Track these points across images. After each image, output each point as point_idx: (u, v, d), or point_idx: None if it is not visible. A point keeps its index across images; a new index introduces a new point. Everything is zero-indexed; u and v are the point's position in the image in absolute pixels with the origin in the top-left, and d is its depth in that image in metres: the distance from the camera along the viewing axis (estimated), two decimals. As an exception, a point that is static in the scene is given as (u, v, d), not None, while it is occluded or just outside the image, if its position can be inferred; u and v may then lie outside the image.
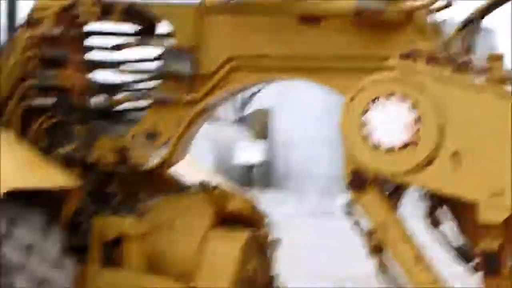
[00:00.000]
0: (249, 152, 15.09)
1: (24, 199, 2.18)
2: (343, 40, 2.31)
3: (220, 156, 14.39)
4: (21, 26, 2.65)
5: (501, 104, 1.93)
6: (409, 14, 2.20)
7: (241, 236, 2.56)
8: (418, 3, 2.19)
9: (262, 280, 2.66)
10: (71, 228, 2.44)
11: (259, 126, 16.84)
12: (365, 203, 2.15)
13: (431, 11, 2.31)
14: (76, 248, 2.41)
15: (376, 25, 2.23)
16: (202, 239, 2.51)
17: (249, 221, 2.68)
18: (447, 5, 2.30)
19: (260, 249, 2.67)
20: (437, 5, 2.26)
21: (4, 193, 2.00)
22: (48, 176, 2.31)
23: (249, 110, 18.00)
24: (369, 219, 2.18)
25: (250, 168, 15.30)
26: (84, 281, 2.44)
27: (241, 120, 17.92)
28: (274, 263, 2.85)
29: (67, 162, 2.50)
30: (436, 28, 2.36)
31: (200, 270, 2.46)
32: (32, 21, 2.59)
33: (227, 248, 2.52)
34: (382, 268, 2.22)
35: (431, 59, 2.06)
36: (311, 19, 2.33)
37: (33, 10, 2.62)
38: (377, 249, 2.19)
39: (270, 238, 2.77)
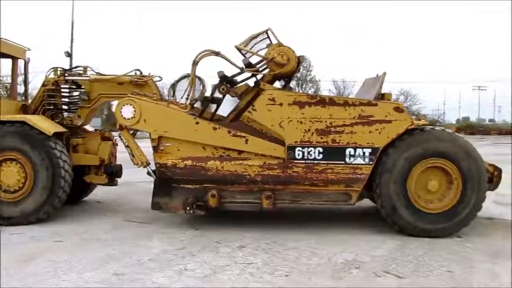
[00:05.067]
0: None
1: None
2: (129, 89, 8.35)
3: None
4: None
5: (165, 109, 7.70)
6: (143, 84, 8.46)
7: (109, 142, 9.01)
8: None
9: (113, 155, 9.17)
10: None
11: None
12: (123, 134, 8.01)
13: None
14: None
15: (134, 85, 8.47)
16: (98, 143, 8.86)
17: (110, 138, 9.13)
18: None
19: (112, 145, 9.09)
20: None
21: (52, 133, 7.90)
22: (60, 128, 8.36)
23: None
24: (125, 141, 7.96)
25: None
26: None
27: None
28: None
29: (59, 124, 8.69)
30: (155, 85, 8.58)
31: (100, 152, 8.80)
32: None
33: (107, 144, 8.86)
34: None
35: (147, 96, 8.18)
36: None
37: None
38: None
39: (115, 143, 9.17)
